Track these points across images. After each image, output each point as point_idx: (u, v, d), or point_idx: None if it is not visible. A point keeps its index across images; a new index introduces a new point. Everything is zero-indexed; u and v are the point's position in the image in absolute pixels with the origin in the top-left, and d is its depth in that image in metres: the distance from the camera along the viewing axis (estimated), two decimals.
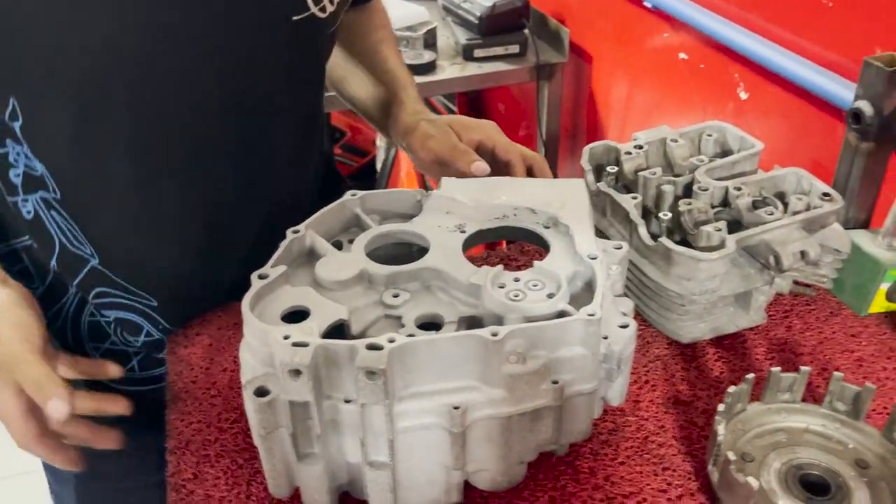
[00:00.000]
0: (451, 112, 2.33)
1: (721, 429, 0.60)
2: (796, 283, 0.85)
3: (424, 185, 2.17)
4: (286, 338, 0.53)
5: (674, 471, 0.65)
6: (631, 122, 1.54)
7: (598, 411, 0.68)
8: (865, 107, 0.81)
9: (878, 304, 0.82)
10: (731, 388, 0.63)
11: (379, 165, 2.63)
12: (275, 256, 0.63)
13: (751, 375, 0.64)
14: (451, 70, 1.64)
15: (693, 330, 0.78)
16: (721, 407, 0.62)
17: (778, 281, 0.80)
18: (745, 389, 0.64)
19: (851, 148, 0.85)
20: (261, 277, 0.60)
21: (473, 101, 2.24)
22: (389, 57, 1.01)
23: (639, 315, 0.82)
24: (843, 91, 0.93)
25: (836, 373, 0.64)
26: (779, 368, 0.65)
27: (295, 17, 0.77)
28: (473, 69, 1.64)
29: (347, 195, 0.71)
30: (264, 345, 0.55)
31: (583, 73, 1.68)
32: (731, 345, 0.79)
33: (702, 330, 0.79)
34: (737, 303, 0.80)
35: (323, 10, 0.79)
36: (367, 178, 2.66)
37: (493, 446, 0.58)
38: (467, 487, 0.62)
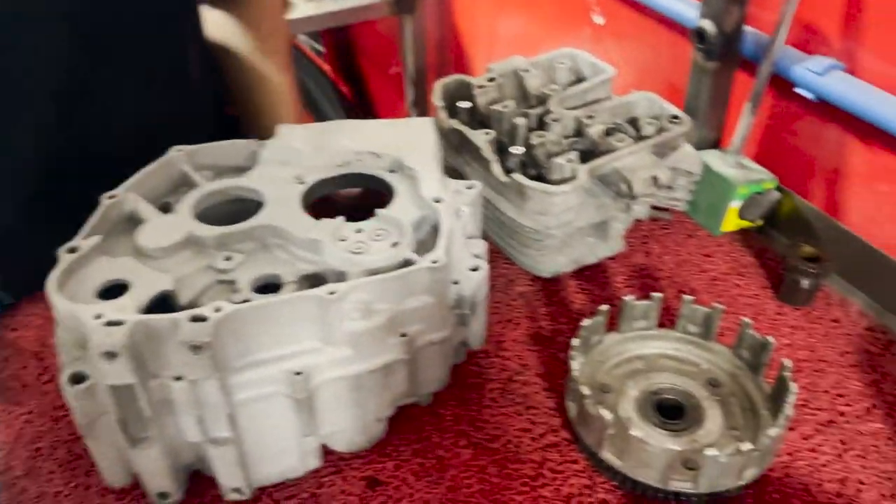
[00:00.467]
0: (319, 53, 2.23)
1: (575, 364, 0.60)
2: (653, 208, 0.86)
3: None
4: (98, 317, 0.48)
5: (537, 409, 0.64)
6: (494, 54, 1.50)
7: (458, 357, 0.66)
8: (708, 25, 0.81)
9: (731, 223, 0.84)
10: (585, 322, 0.62)
11: None
12: (87, 225, 0.57)
13: (604, 307, 0.64)
14: (305, 7, 1.55)
15: (552, 264, 0.77)
16: (575, 342, 0.61)
17: (635, 208, 0.80)
18: (600, 321, 0.64)
19: (698, 68, 0.85)
20: (70, 252, 0.54)
21: (339, 40, 2.15)
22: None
23: (500, 253, 0.81)
24: (691, 11, 0.92)
25: (685, 296, 0.65)
26: (632, 297, 0.65)
27: None
28: (329, 5, 1.56)
29: (172, 150, 0.65)
30: (77, 326, 0.50)
31: (445, 5, 1.62)
32: (593, 276, 0.79)
33: (562, 263, 0.78)
34: (595, 233, 0.79)
35: None
36: None
37: (345, 407, 0.55)
38: (327, 451, 0.59)
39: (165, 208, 0.62)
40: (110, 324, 0.48)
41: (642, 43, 1.05)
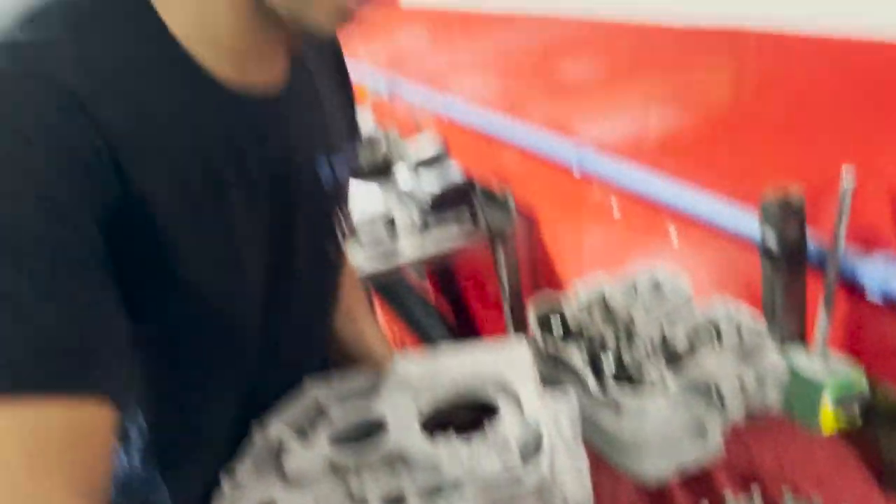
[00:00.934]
0: (422, 280, 2.44)
1: None
2: (748, 408, 0.90)
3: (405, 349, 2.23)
4: None
5: None
6: (583, 270, 1.63)
7: None
8: (771, 239, 0.89)
9: (828, 422, 0.86)
10: None
11: None
12: (242, 453, 0.67)
13: None
14: (411, 246, 1.75)
15: (654, 469, 0.81)
16: None
17: (728, 410, 0.84)
18: None
19: (769, 276, 0.93)
20: (230, 475, 0.64)
21: (441, 271, 2.35)
22: (366, 331, 0.96)
23: (602, 460, 0.85)
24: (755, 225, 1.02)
25: (789, 494, 0.67)
26: (735, 498, 0.68)
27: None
28: (431, 243, 1.75)
29: (307, 383, 0.76)
30: None
31: (533, 234, 1.80)
32: (695, 478, 0.82)
33: (663, 468, 0.82)
34: (693, 437, 0.84)
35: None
36: None
37: None
38: None
39: (303, 433, 0.72)
40: None
41: (717, 253, 1.15)
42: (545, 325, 0.94)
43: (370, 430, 0.71)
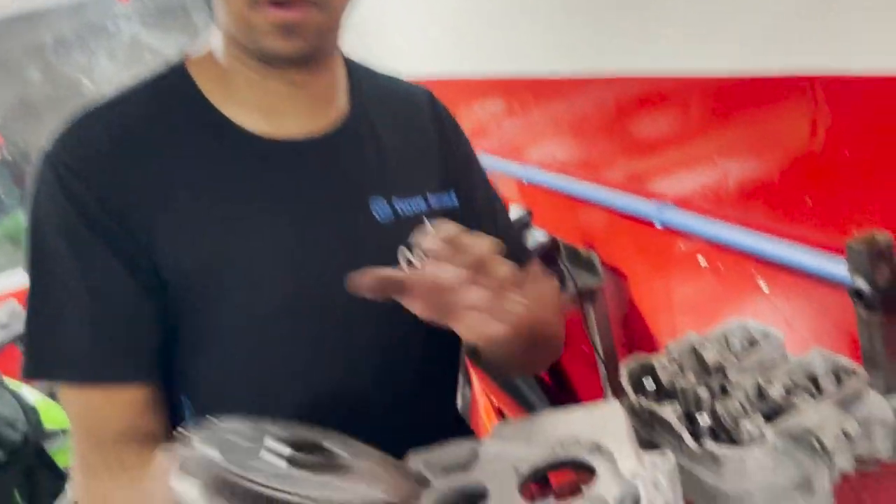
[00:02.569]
0: None
1: None
2: (857, 458, 0.87)
3: (502, 415, 2.24)
4: None
5: None
6: (675, 325, 1.62)
7: None
8: (862, 284, 0.88)
9: None
10: None
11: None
12: None
13: None
14: None
15: None
16: None
17: (835, 462, 0.82)
18: None
19: (864, 321, 0.91)
20: None
21: None
22: None
23: None
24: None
25: None
26: None
27: None
28: None
29: (409, 455, 0.80)
30: None
31: (622, 292, 1.80)
32: None
33: None
34: (800, 491, 0.82)
35: None
36: None
37: None
38: None
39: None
40: None
41: (809, 300, 1.13)
42: (638, 383, 0.95)
43: (472, 499, 0.74)
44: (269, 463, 0.59)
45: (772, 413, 0.83)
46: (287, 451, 0.61)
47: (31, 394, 2.20)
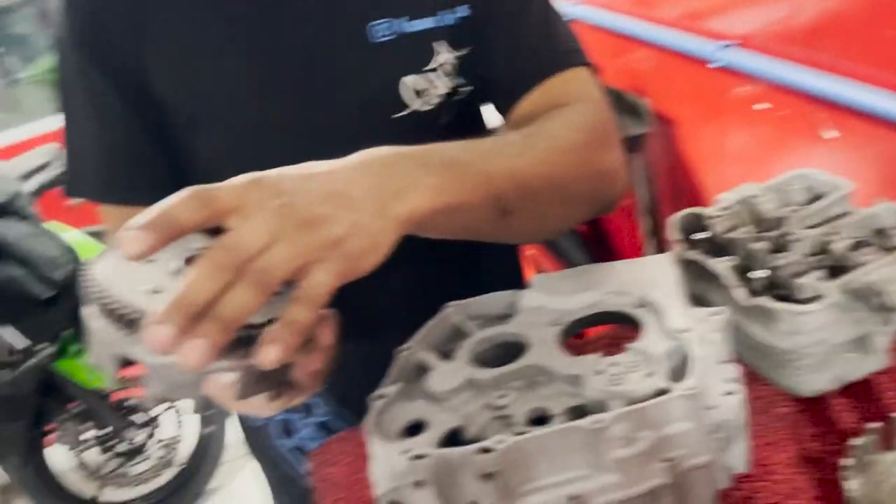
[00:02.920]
0: None
1: (853, 485, 0.59)
2: None
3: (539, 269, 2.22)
4: (405, 452, 0.58)
5: None
6: (725, 178, 1.53)
7: (723, 481, 0.68)
8: None
9: None
10: (856, 441, 0.62)
11: None
12: (389, 375, 0.69)
13: (874, 424, 0.63)
14: None
15: (813, 383, 0.77)
16: (848, 462, 0.60)
17: None
18: (873, 439, 0.63)
19: None
20: (379, 398, 0.66)
21: None
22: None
23: (756, 376, 0.82)
24: None
25: None
26: None
27: (395, 116, 0.80)
28: None
29: (447, 307, 0.77)
30: (389, 460, 0.61)
31: (671, 141, 1.70)
32: (859, 392, 0.77)
33: (823, 381, 0.77)
34: (856, 348, 0.78)
35: (428, 102, 0.81)
36: None
37: None
38: None
39: (446, 354, 0.73)
40: (417, 457, 0.58)
41: (880, 151, 1.04)
42: (688, 237, 0.89)
43: (511, 350, 0.71)
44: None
45: (833, 268, 0.78)
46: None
47: (67, 234, 2.39)
